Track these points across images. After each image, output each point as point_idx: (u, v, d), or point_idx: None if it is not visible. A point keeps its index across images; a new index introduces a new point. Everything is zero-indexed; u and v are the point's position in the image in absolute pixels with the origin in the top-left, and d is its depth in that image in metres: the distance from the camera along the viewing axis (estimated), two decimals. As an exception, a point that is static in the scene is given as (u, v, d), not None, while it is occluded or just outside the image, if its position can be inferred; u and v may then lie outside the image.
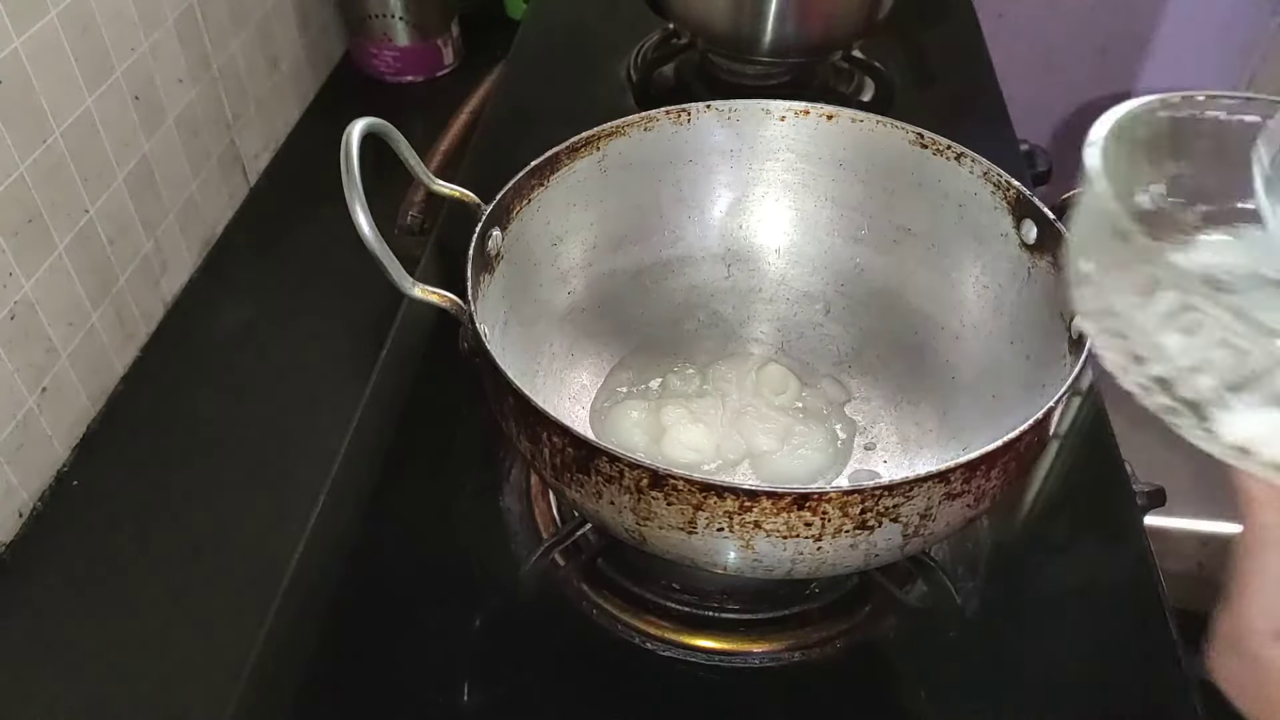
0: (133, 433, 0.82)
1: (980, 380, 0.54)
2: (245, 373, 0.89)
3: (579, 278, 0.58)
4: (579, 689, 0.50)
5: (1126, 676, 0.50)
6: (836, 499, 0.37)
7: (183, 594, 0.71)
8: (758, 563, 0.41)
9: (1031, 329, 0.51)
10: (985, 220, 0.53)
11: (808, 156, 0.59)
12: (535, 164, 0.53)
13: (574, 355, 0.58)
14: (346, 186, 0.40)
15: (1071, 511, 0.59)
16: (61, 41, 0.75)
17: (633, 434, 0.55)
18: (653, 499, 0.39)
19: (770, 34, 0.82)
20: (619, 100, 0.90)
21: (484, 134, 0.87)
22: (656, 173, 0.58)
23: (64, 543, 0.74)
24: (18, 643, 0.68)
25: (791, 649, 0.51)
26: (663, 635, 0.51)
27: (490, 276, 0.49)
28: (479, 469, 0.59)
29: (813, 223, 0.60)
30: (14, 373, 0.72)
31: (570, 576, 0.53)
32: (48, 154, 0.74)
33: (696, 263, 0.62)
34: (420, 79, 1.23)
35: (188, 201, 0.95)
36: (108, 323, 0.84)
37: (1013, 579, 0.54)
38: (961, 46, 0.98)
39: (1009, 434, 0.39)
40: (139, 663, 0.67)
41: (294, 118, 1.16)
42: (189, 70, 0.93)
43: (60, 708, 0.65)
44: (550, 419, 0.40)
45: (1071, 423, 0.63)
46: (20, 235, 0.72)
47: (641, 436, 0.55)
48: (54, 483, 0.78)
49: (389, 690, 0.49)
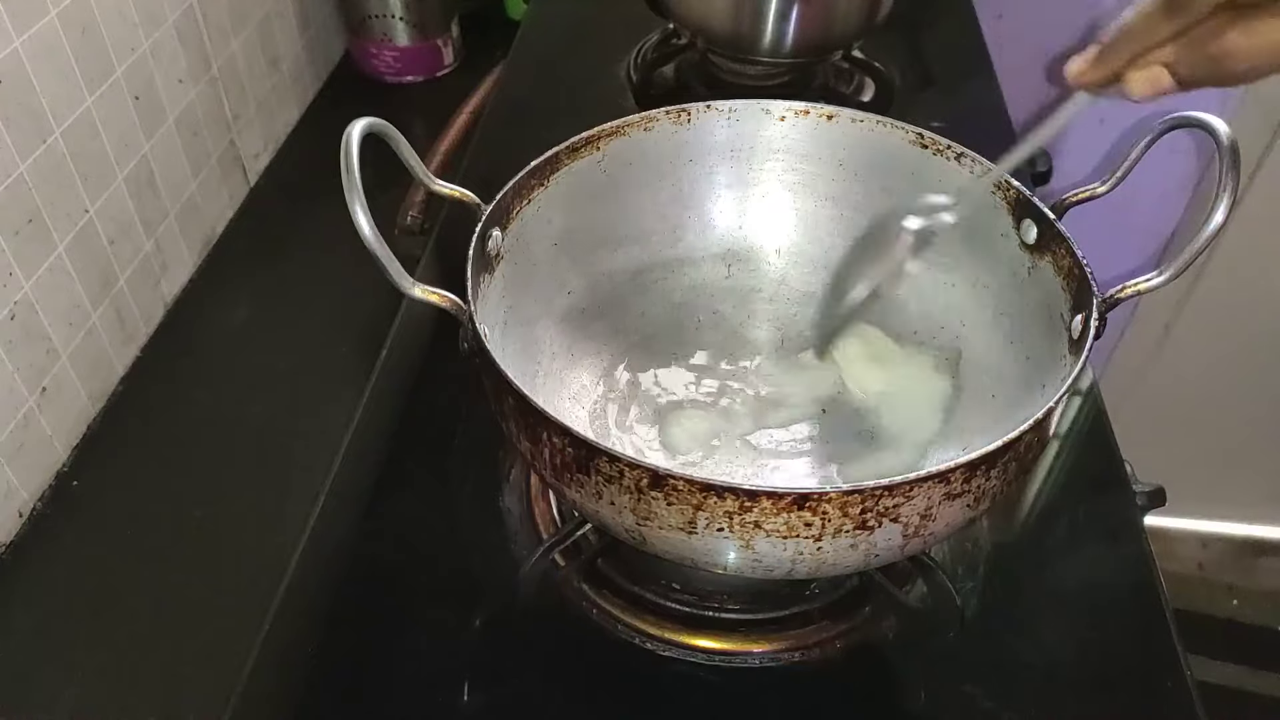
0: (133, 433, 0.82)
1: (980, 380, 0.54)
2: (245, 373, 0.89)
3: (579, 278, 0.58)
4: (579, 689, 0.50)
5: (1126, 677, 0.50)
6: (836, 499, 0.37)
7: (183, 594, 0.71)
8: (758, 563, 0.41)
9: (1031, 329, 0.51)
10: (985, 220, 0.53)
11: (808, 156, 0.59)
12: (535, 164, 0.53)
13: (574, 355, 0.58)
14: (346, 186, 0.40)
15: (1071, 511, 0.59)
16: (61, 41, 0.75)
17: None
18: (653, 499, 0.39)
19: (770, 34, 0.82)
20: (619, 100, 0.90)
21: (484, 134, 0.87)
22: (656, 173, 0.58)
23: (64, 543, 0.74)
24: (18, 643, 0.68)
25: (791, 649, 0.51)
26: (663, 635, 0.51)
27: (490, 276, 0.49)
28: (479, 469, 0.59)
29: (813, 223, 0.60)
30: (14, 373, 0.72)
31: (570, 576, 0.53)
32: (48, 154, 0.74)
33: (696, 263, 0.62)
34: (420, 79, 1.23)
35: (188, 201, 0.95)
36: (108, 323, 0.83)
37: (1013, 579, 0.54)
38: (961, 46, 0.98)
39: (1009, 434, 0.39)
40: (139, 663, 0.67)
41: (294, 118, 1.16)
42: (189, 70, 0.93)
43: (60, 708, 0.65)
44: (550, 419, 0.40)
45: (1071, 423, 0.63)
46: (20, 235, 0.72)
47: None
48: (54, 483, 0.78)
49: (389, 690, 0.49)
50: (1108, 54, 0.38)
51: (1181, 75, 0.37)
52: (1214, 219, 0.42)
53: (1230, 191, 0.42)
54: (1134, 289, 0.45)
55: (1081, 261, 0.47)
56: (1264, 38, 0.34)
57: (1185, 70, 0.36)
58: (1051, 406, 0.40)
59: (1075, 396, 0.64)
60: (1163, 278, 0.45)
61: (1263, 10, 0.33)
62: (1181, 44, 0.36)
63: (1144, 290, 0.45)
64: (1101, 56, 0.39)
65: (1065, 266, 0.48)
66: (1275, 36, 0.33)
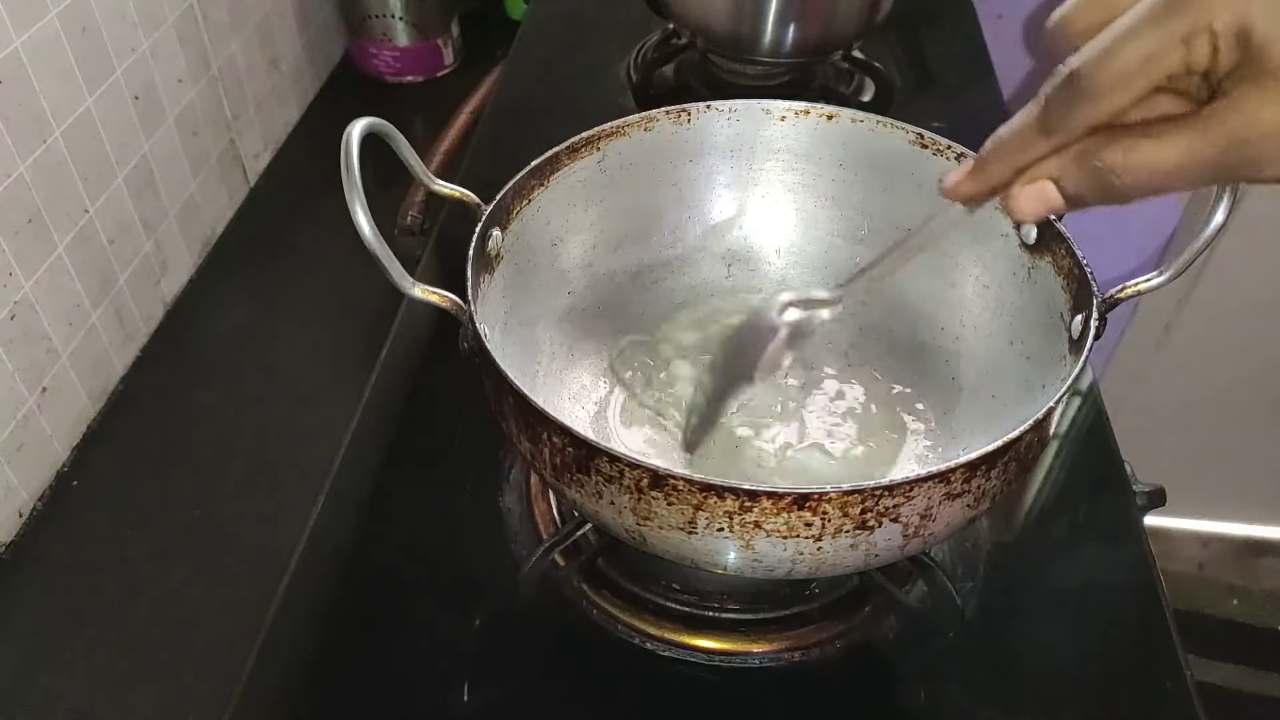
0: (133, 433, 0.82)
1: (980, 380, 0.54)
2: (245, 373, 0.89)
3: (579, 278, 0.58)
4: (579, 689, 0.50)
5: (1126, 677, 0.50)
6: (836, 499, 0.37)
7: (183, 594, 0.71)
8: (758, 563, 0.41)
9: (1031, 329, 0.51)
10: (985, 220, 0.53)
11: (808, 156, 0.59)
12: (535, 164, 0.53)
13: (574, 355, 0.58)
14: (346, 186, 0.40)
15: (1071, 511, 0.59)
16: (61, 41, 0.75)
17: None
18: (653, 499, 0.39)
19: (770, 34, 0.82)
20: (619, 100, 0.90)
21: (484, 134, 0.87)
22: (656, 173, 0.58)
23: (64, 543, 0.74)
24: (18, 643, 0.68)
25: (791, 649, 0.51)
26: (663, 635, 0.51)
27: (490, 276, 0.49)
28: (479, 469, 0.59)
29: (813, 223, 0.60)
30: (14, 373, 0.72)
31: (570, 576, 0.53)
32: (48, 154, 0.74)
33: (696, 263, 0.62)
34: (420, 79, 1.23)
35: (188, 201, 0.95)
36: (108, 323, 0.84)
37: (1013, 579, 0.54)
38: (961, 46, 0.98)
39: (1009, 434, 0.39)
40: (139, 663, 0.67)
41: (294, 118, 1.16)
42: (189, 70, 0.93)
43: (60, 708, 0.65)
44: (550, 419, 0.40)
45: (1071, 423, 0.63)
46: (20, 235, 0.72)
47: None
48: (54, 483, 0.78)
49: (389, 690, 0.49)
50: (984, 166, 0.36)
51: (1068, 191, 0.34)
52: (1214, 219, 0.42)
53: (1230, 191, 0.42)
54: (1134, 289, 0.45)
55: (1081, 261, 0.47)
56: (1145, 156, 0.32)
57: (1070, 186, 0.34)
58: (1051, 406, 0.40)
59: (1075, 396, 0.64)
60: (1163, 278, 0.45)
61: (1141, 130, 0.32)
62: (1066, 157, 0.34)
63: (1144, 290, 0.45)
64: (978, 169, 0.36)
65: (1065, 266, 0.48)
66: (1156, 157, 0.32)
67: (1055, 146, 0.34)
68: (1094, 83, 0.31)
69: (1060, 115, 0.33)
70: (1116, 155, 0.32)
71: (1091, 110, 0.32)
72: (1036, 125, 0.34)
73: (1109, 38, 0.31)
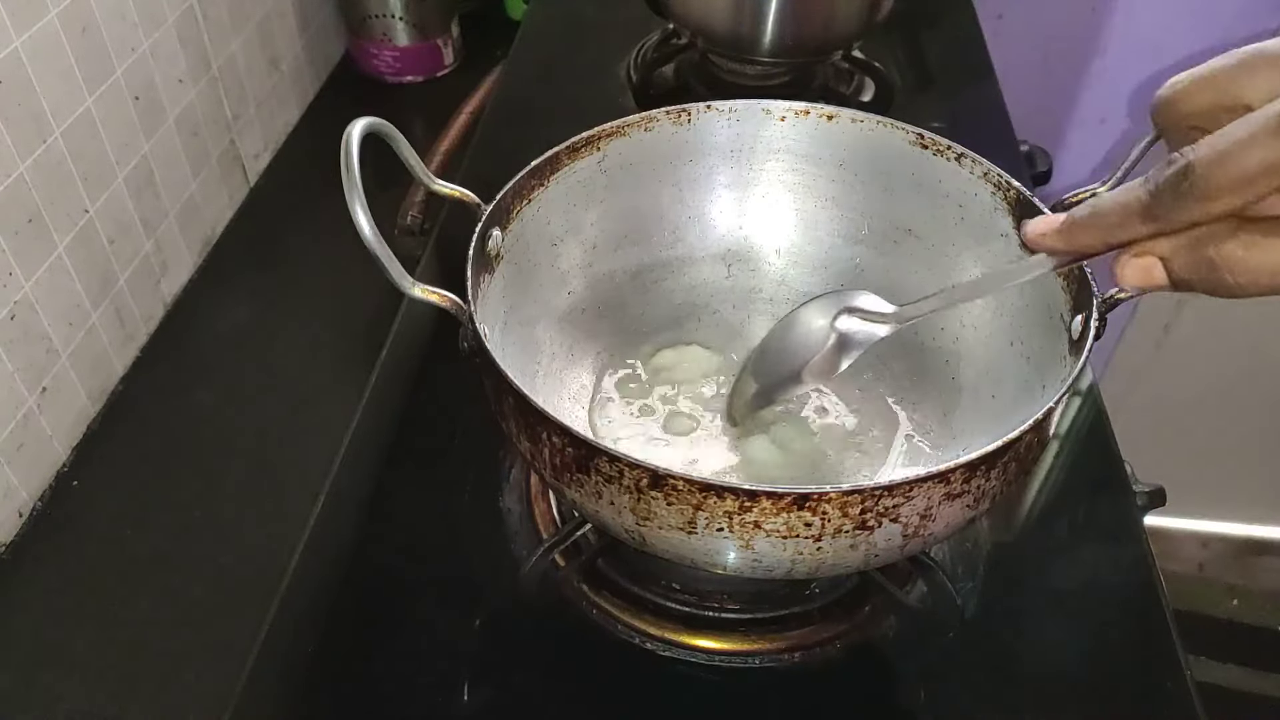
0: (133, 433, 0.82)
1: (980, 380, 0.54)
2: (245, 373, 0.88)
3: (579, 278, 0.58)
4: (579, 689, 0.50)
5: (1126, 677, 0.50)
6: (836, 499, 0.37)
7: (183, 594, 0.71)
8: (758, 563, 0.41)
9: (1031, 329, 0.51)
10: (985, 220, 0.53)
11: (808, 157, 0.59)
12: (535, 164, 0.53)
13: (574, 355, 0.58)
14: (346, 186, 0.40)
15: (1071, 511, 0.59)
16: (61, 41, 0.75)
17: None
18: (652, 499, 0.39)
19: (770, 34, 0.82)
20: (619, 100, 0.90)
21: (484, 134, 0.87)
22: (656, 173, 0.58)
23: (64, 543, 0.74)
24: (18, 643, 0.68)
25: (791, 649, 0.51)
26: (663, 635, 0.51)
27: (490, 276, 0.49)
28: (479, 469, 0.59)
29: (813, 223, 0.60)
30: (14, 373, 0.72)
31: (570, 576, 0.53)
32: (48, 154, 0.74)
33: (696, 263, 0.62)
34: (420, 79, 1.23)
35: (188, 201, 0.95)
36: (108, 323, 0.83)
37: (1013, 579, 0.54)
38: (961, 46, 0.98)
39: (1009, 434, 0.39)
40: (139, 663, 0.67)
41: (294, 118, 1.16)
42: (189, 70, 0.93)
43: (60, 708, 0.65)
44: (550, 419, 0.40)
45: (1071, 423, 0.63)
46: (20, 235, 0.72)
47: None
48: (54, 483, 0.78)
49: (389, 690, 0.49)
50: (1075, 232, 0.36)
51: (1176, 275, 0.33)
52: (1214, 219, 0.42)
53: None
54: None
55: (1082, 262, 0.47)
56: (1267, 256, 0.31)
57: (1179, 271, 0.33)
58: (1051, 407, 0.40)
59: (1075, 397, 0.64)
60: (1163, 278, 0.45)
61: (1265, 226, 0.31)
62: (1180, 241, 0.33)
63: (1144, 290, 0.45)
64: (1067, 230, 0.36)
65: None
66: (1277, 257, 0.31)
67: (1154, 233, 0.33)
68: (1210, 184, 0.30)
69: (1168, 207, 0.32)
70: (1236, 250, 0.31)
71: (1201, 210, 0.31)
72: (1140, 210, 0.33)
73: (1231, 140, 0.30)
